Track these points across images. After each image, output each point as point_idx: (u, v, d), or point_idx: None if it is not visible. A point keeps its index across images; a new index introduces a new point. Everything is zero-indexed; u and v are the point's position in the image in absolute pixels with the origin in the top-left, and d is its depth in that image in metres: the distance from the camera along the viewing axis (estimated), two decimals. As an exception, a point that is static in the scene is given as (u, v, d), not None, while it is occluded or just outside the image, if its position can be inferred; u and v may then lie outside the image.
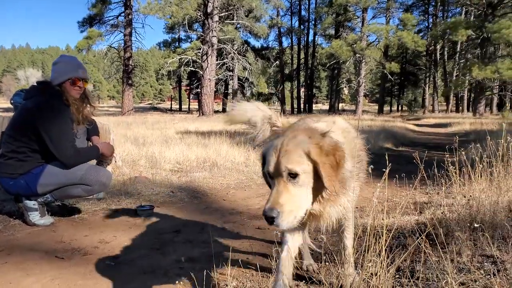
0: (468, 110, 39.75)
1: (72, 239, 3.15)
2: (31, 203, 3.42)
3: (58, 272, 2.52)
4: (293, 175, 1.59)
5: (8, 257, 2.77)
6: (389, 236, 1.89)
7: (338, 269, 2.13)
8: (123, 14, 32.33)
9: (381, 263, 1.82)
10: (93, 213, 3.91)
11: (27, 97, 3.52)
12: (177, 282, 1.80)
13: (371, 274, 1.87)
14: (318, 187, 1.63)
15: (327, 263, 2.33)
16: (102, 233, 3.30)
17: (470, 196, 3.01)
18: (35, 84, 3.61)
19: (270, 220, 1.54)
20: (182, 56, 31.25)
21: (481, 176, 3.30)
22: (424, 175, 2.50)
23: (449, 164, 3.24)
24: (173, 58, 31.65)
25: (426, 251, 2.03)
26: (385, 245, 1.83)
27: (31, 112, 3.32)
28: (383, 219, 2.67)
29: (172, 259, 2.76)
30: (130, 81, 33.19)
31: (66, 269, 2.58)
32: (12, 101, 4.12)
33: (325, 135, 1.70)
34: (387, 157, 1.90)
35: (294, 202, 1.58)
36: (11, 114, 4.08)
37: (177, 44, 41.89)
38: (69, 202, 3.99)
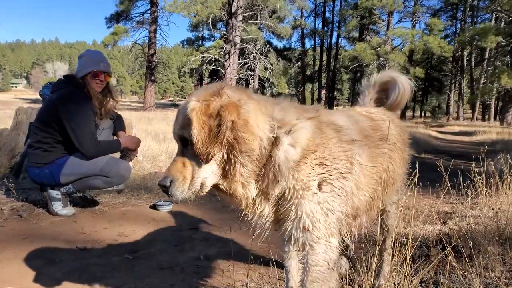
0: (495, 119, 38.47)
1: (92, 231, 3.20)
2: (54, 193, 3.50)
3: (78, 263, 2.56)
4: (184, 142, 1.41)
5: (32, 245, 2.83)
6: (413, 246, 1.83)
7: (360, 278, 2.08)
8: (149, 11, 32.85)
9: (404, 273, 1.76)
10: (113, 206, 3.96)
11: (54, 90, 3.62)
12: (195, 279, 1.79)
13: (394, 283, 1.81)
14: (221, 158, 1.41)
15: (350, 270, 2.28)
16: (121, 227, 3.34)
17: (499, 208, 2.89)
18: (61, 77, 3.72)
19: (164, 189, 1.42)
20: (204, 55, 31.53)
21: (510, 188, 3.17)
22: (448, 184, 2.42)
23: (475, 174, 3.12)
24: (195, 56, 31.98)
25: (451, 263, 1.95)
26: (409, 255, 1.77)
27: (55, 103, 3.42)
28: (404, 228, 2.60)
29: (189, 256, 2.76)
30: (152, 77, 33.70)
31: (86, 260, 2.62)
32: (41, 93, 4.23)
33: (222, 92, 1.40)
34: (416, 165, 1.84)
35: (188, 171, 1.41)
36: (39, 105, 4.18)
37: (200, 43, 42.29)
38: (90, 194, 4.07)
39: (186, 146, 1.41)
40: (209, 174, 1.42)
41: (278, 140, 1.43)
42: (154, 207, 3.97)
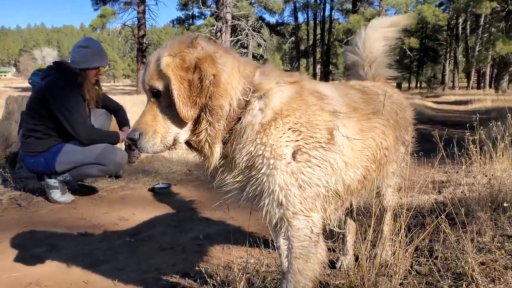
0: (490, 87, 38.37)
1: (92, 216, 3.24)
2: (52, 181, 3.51)
3: (80, 248, 2.60)
4: (156, 93, 1.37)
5: (33, 232, 2.86)
6: (408, 216, 1.86)
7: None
8: (136, -9, 31.98)
9: (400, 243, 1.80)
10: (112, 191, 3.99)
11: (43, 77, 3.58)
12: (196, 258, 1.82)
13: (390, 252, 1.86)
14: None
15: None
16: (121, 211, 3.37)
17: (492, 175, 2.93)
18: (51, 64, 3.66)
19: (132, 143, 1.38)
20: (196, 34, 30.93)
21: (503, 155, 3.21)
22: (443, 153, 2.44)
23: (470, 143, 3.15)
24: (187, 36, 31.35)
25: (445, 230, 2.00)
26: (404, 224, 1.80)
27: (43, 90, 3.40)
28: (401, 198, 2.64)
29: (189, 236, 2.80)
30: (144, 60, 33.11)
31: (87, 245, 2.66)
32: (30, 81, 4.17)
33: (196, 44, 1.36)
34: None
35: (160, 124, 1.37)
36: (29, 93, 4.14)
37: (191, 21, 41.37)
38: (87, 180, 4.08)
39: (158, 97, 1.37)
40: (183, 130, 1.39)
41: (250, 104, 1.40)
42: (152, 189, 4.00)
